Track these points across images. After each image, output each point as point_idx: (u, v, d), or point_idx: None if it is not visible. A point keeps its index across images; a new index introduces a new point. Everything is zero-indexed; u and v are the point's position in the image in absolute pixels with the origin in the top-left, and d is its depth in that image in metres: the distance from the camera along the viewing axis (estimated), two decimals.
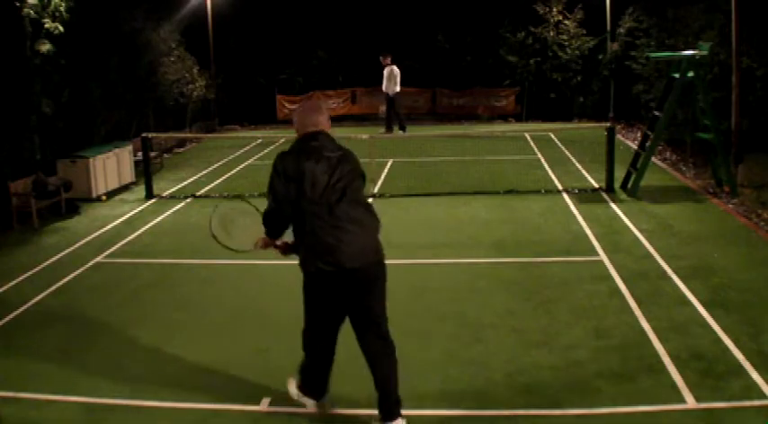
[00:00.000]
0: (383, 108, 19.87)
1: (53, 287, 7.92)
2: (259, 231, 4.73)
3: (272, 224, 4.64)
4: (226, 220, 5.07)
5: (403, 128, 18.61)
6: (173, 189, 13.17)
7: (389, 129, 18.80)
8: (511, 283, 7.59)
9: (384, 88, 18.81)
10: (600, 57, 21.35)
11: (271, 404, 5.18)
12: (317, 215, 4.46)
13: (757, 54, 13.29)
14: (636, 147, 12.80)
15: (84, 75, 13.98)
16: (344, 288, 4.54)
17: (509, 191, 11.88)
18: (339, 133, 18.35)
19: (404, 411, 4.84)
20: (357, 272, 4.51)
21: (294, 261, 4.68)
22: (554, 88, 21.61)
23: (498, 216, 10.37)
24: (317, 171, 4.47)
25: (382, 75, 18.82)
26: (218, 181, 13.90)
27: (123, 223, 10.83)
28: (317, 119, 4.71)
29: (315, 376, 4.91)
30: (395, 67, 18.70)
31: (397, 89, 18.69)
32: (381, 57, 18.82)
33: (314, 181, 4.45)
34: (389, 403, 4.66)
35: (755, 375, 5.30)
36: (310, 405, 4.98)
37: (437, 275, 8.00)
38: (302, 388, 4.97)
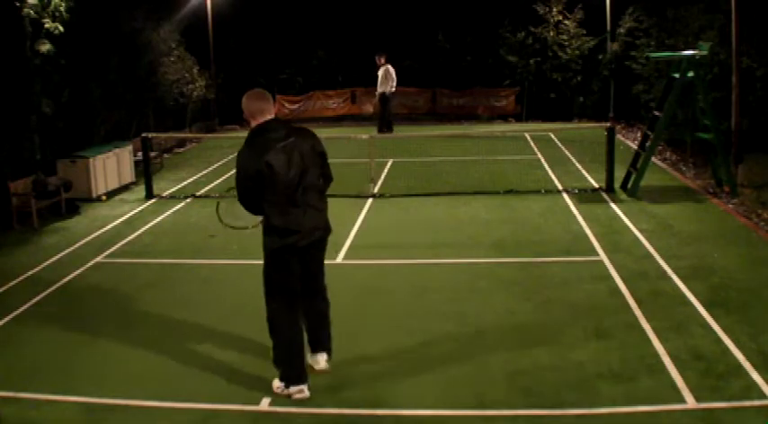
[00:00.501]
0: (371, 108, 19.85)
1: (53, 287, 7.92)
2: None
3: (249, 208, 5.26)
4: (229, 210, 6.29)
5: (390, 129, 18.65)
6: (173, 189, 13.17)
7: (389, 129, 18.78)
8: (511, 283, 7.59)
9: (380, 88, 18.79)
10: (600, 57, 21.35)
11: (271, 404, 5.18)
12: (277, 202, 5.02)
13: (757, 54, 13.29)
14: (636, 147, 12.81)
15: (84, 75, 13.97)
16: (300, 261, 5.20)
17: (509, 191, 11.88)
18: (339, 133, 18.42)
19: (404, 411, 4.86)
20: (311, 247, 5.20)
21: None
22: (554, 88, 21.62)
23: (498, 216, 10.37)
24: (273, 163, 4.94)
25: (377, 75, 18.81)
26: (218, 180, 13.89)
27: (123, 223, 10.83)
28: (263, 107, 5.13)
29: (291, 360, 5.24)
30: (390, 67, 18.70)
31: (393, 89, 18.71)
32: (377, 57, 18.82)
33: (271, 174, 4.94)
34: (328, 342, 5.56)
35: (755, 375, 5.30)
36: (297, 390, 5.21)
37: (437, 275, 8.00)
38: (285, 378, 5.26)
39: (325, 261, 5.54)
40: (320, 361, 5.51)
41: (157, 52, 17.57)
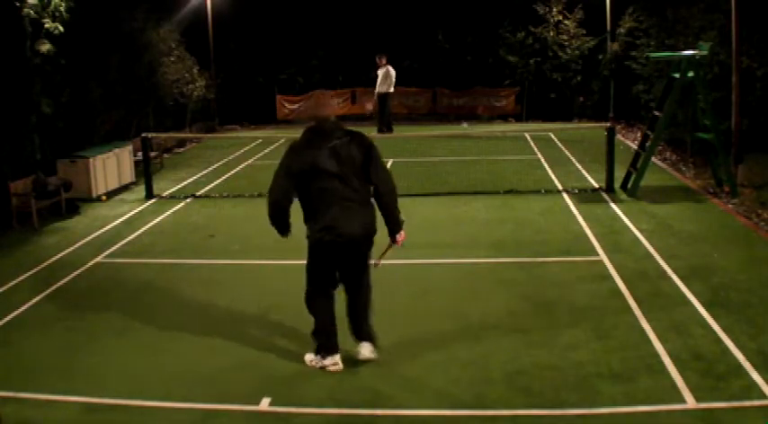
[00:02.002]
0: (370, 107, 19.80)
1: (53, 287, 7.91)
2: None
3: (277, 218, 5.44)
4: None
5: (390, 129, 18.62)
6: (173, 190, 13.17)
7: (389, 129, 18.76)
8: (511, 283, 7.59)
9: (379, 88, 18.77)
10: (600, 57, 21.35)
11: (271, 404, 5.18)
12: (317, 200, 5.28)
13: (757, 54, 13.28)
14: (636, 147, 12.81)
15: (84, 75, 13.97)
16: (335, 257, 5.49)
17: (509, 191, 11.87)
18: None
19: (404, 411, 4.85)
20: (347, 247, 5.40)
21: (293, 261, 4.69)
22: (554, 88, 21.62)
23: (498, 216, 10.37)
24: (318, 162, 5.20)
25: (377, 75, 18.77)
26: (218, 180, 13.90)
27: (123, 223, 10.83)
28: (320, 108, 5.51)
29: (325, 333, 5.64)
30: (391, 68, 18.69)
31: (391, 90, 18.70)
32: (378, 58, 18.79)
33: (314, 173, 5.20)
34: (370, 332, 5.78)
35: (755, 375, 5.30)
36: (331, 362, 5.59)
37: (437, 275, 8.00)
38: (320, 350, 5.64)
39: None
40: (363, 351, 5.69)
41: (157, 52, 17.57)
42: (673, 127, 11.77)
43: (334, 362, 5.60)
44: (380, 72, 18.71)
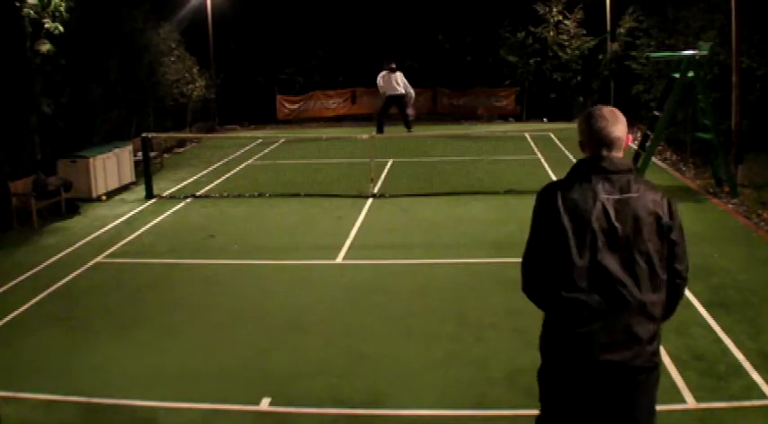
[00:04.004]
0: (409, 110, 19.70)
1: (53, 287, 7.91)
2: None
3: (530, 285, 3.48)
4: None
5: (381, 130, 18.51)
6: (173, 190, 13.17)
7: (408, 128, 18.65)
8: (511, 283, 7.52)
9: (398, 90, 18.61)
10: (600, 57, 21.34)
11: (271, 404, 5.18)
12: (563, 284, 3.13)
13: (757, 54, 13.27)
14: (636, 147, 12.80)
15: (84, 75, 13.97)
16: (584, 394, 3.13)
17: (509, 191, 11.88)
18: (339, 133, 18.37)
19: (404, 411, 4.84)
20: (603, 376, 3.05)
21: (293, 261, 4.67)
22: (554, 88, 21.61)
23: (498, 216, 10.37)
24: (585, 216, 3.06)
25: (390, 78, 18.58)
26: (218, 180, 13.90)
27: (123, 223, 10.83)
28: (603, 134, 3.11)
29: None
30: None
31: (395, 93, 18.63)
32: (385, 63, 18.58)
33: (576, 234, 3.08)
34: None
35: (755, 375, 5.29)
36: None
37: (437, 275, 8.00)
38: None
39: (325, 261, 5.52)
40: None
41: (157, 52, 17.57)
42: (673, 127, 11.76)
43: None
44: (397, 75, 18.53)
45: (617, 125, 3.11)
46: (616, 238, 3.01)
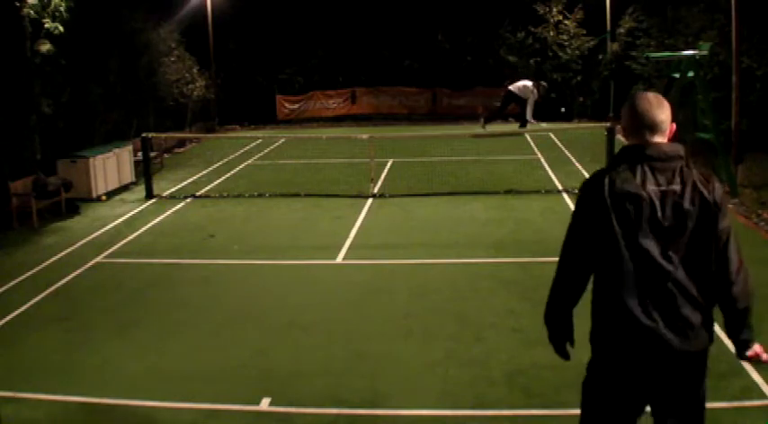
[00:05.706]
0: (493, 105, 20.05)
1: (53, 287, 7.91)
2: None
3: (562, 288, 3.25)
4: None
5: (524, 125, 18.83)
6: (173, 190, 13.17)
7: (524, 124, 18.81)
8: (511, 283, 7.59)
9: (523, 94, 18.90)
10: (600, 57, 21.35)
11: (271, 404, 5.18)
12: (624, 277, 2.96)
13: (757, 54, 13.29)
14: None
15: (84, 75, 13.98)
16: (630, 389, 3.13)
17: (509, 191, 11.88)
18: (339, 133, 18.33)
19: (404, 411, 4.84)
20: (650, 371, 3.09)
21: (293, 261, 4.67)
22: (554, 88, 21.62)
23: (498, 216, 10.37)
24: (632, 205, 2.90)
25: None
26: (218, 180, 13.90)
27: (123, 223, 10.83)
28: (653, 117, 2.99)
29: None
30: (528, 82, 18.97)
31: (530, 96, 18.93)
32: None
33: (624, 225, 2.92)
34: None
35: (755, 375, 5.29)
36: None
37: (437, 275, 8.00)
38: None
39: (325, 261, 5.52)
40: None
41: (157, 52, 17.59)
42: None
43: None
44: (529, 83, 18.80)
45: (661, 108, 3.00)
46: (661, 228, 2.90)
